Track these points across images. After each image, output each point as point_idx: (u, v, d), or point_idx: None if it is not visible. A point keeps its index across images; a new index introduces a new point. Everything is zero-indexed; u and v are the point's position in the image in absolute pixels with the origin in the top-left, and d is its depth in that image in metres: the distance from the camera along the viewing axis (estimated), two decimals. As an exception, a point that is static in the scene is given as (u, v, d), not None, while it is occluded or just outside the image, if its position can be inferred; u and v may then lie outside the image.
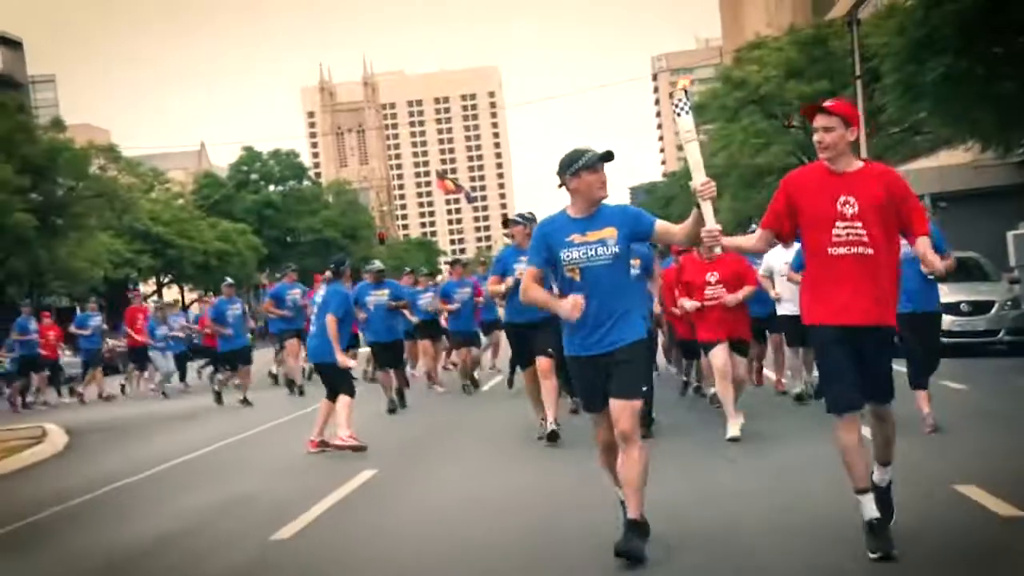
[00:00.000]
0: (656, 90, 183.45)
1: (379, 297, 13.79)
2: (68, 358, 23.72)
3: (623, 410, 5.28)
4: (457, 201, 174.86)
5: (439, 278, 20.92)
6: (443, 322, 16.62)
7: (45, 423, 14.87)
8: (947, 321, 15.74)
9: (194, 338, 20.32)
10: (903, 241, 7.64)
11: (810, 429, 8.76)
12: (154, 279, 55.58)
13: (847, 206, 5.06)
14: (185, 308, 48.37)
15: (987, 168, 25.27)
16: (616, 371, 5.32)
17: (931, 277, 8.24)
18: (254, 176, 72.72)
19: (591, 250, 5.30)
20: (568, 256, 5.33)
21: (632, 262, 6.26)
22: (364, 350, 16.05)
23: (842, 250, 5.06)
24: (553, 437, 9.23)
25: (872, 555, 4.94)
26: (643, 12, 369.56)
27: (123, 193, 44.34)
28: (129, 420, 15.74)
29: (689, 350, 11.94)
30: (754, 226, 11.96)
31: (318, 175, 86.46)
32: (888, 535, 5.03)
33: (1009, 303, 15.90)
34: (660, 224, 5.49)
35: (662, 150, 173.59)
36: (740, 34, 79.98)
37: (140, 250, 48.20)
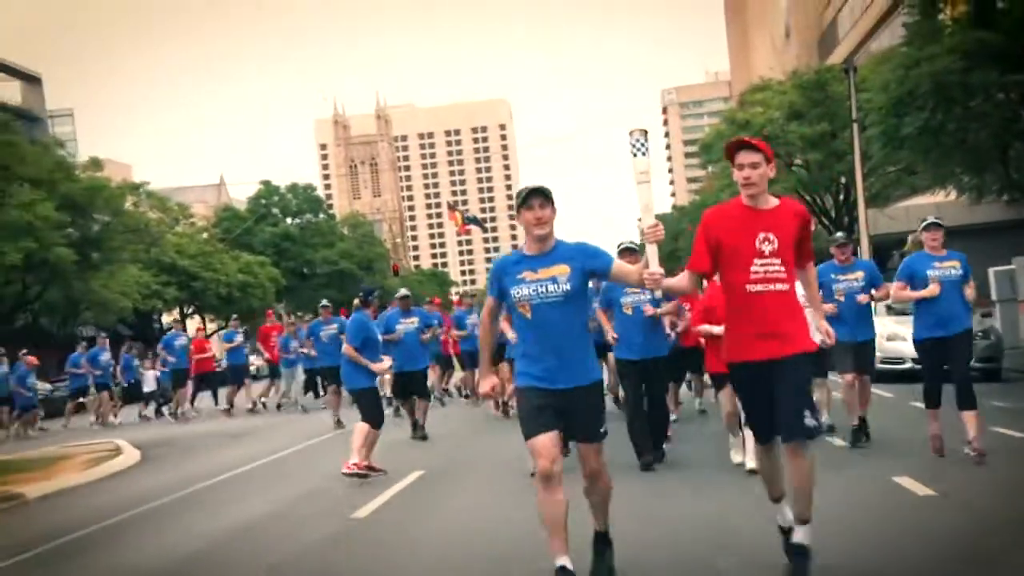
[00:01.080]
0: (666, 123, 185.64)
1: (408, 325, 13.70)
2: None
3: (589, 451, 5.45)
4: (468, 232, 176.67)
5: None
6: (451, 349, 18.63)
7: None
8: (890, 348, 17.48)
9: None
10: (943, 267, 8.81)
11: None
12: (177, 310, 57.33)
13: (766, 243, 5.17)
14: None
15: (984, 204, 26.56)
16: (580, 418, 5.39)
17: (968, 302, 8.87)
18: (274, 210, 74.75)
19: (542, 287, 5.32)
20: (518, 293, 5.37)
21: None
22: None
23: (759, 287, 5.17)
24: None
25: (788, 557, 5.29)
26: (653, 46, 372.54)
27: (153, 228, 46.33)
28: (227, 430, 17.88)
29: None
30: None
31: (330, 207, 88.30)
32: (805, 564, 5.19)
33: (980, 333, 17.43)
34: (617, 265, 5.56)
35: (671, 182, 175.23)
36: (748, 69, 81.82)
37: (167, 282, 49.91)
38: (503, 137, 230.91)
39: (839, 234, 10.90)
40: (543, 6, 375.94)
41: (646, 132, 5.26)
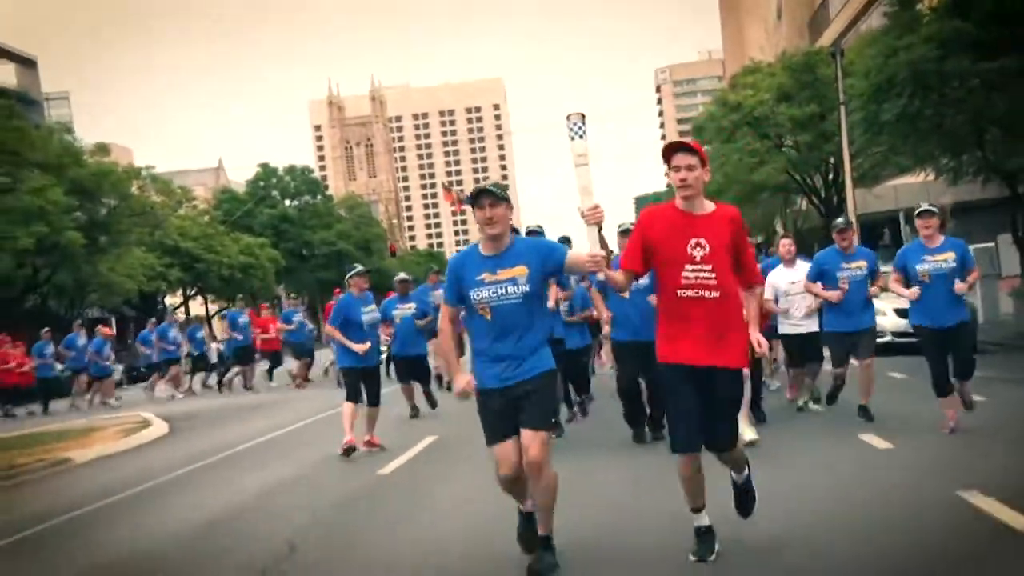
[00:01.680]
0: (660, 101, 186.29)
1: (404, 311, 13.83)
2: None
3: (533, 439, 5.27)
4: (463, 212, 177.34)
5: None
6: None
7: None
8: (900, 324, 18.51)
9: None
10: (934, 259, 8.60)
11: (811, 435, 9.58)
12: (181, 291, 58.31)
13: (698, 248, 5.12)
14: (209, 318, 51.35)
15: (973, 182, 27.37)
16: (526, 402, 5.32)
17: (960, 295, 8.70)
18: (273, 192, 75.67)
19: (501, 289, 5.28)
20: (478, 295, 5.31)
21: None
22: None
23: (690, 292, 5.14)
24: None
25: (692, 558, 5.37)
26: (647, 24, 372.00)
27: (156, 211, 47.27)
28: (249, 403, 19.18)
29: None
30: (750, 239, 13.76)
31: (326, 188, 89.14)
32: (711, 543, 5.41)
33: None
34: (570, 255, 5.43)
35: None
36: (742, 47, 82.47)
37: (170, 264, 50.87)
38: (497, 117, 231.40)
39: (840, 219, 10.67)
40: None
41: (583, 116, 5.24)
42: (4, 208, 33.08)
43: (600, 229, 5.10)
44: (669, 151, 5.22)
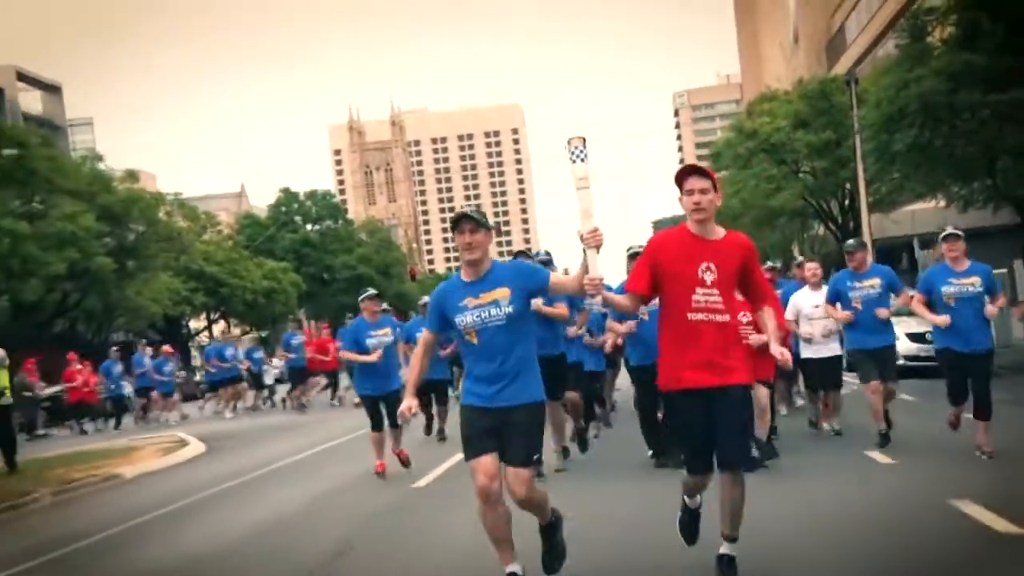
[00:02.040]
0: (678, 126, 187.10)
1: None
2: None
3: (517, 478, 5.35)
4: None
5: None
6: None
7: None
8: (914, 348, 18.98)
9: None
10: (960, 283, 8.64)
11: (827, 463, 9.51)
12: (204, 315, 59.16)
13: (708, 272, 5.20)
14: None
15: (983, 209, 27.61)
16: (512, 437, 5.35)
17: (988, 320, 8.74)
18: (295, 217, 76.52)
19: (484, 312, 5.36)
20: (463, 321, 5.40)
21: None
22: None
23: (700, 316, 5.19)
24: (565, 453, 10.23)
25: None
26: (665, 49, 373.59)
27: (183, 236, 48.20)
28: (283, 424, 19.81)
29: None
30: (769, 263, 13.96)
31: (346, 212, 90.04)
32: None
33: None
34: (554, 277, 5.55)
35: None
36: (759, 71, 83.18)
37: (195, 288, 51.73)
38: (516, 142, 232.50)
39: (850, 241, 10.60)
40: (553, 11, 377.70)
41: (584, 140, 5.27)
42: (37, 234, 33.96)
43: (597, 252, 5.10)
44: (682, 175, 5.30)
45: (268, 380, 26.82)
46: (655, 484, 8.70)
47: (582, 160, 5.24)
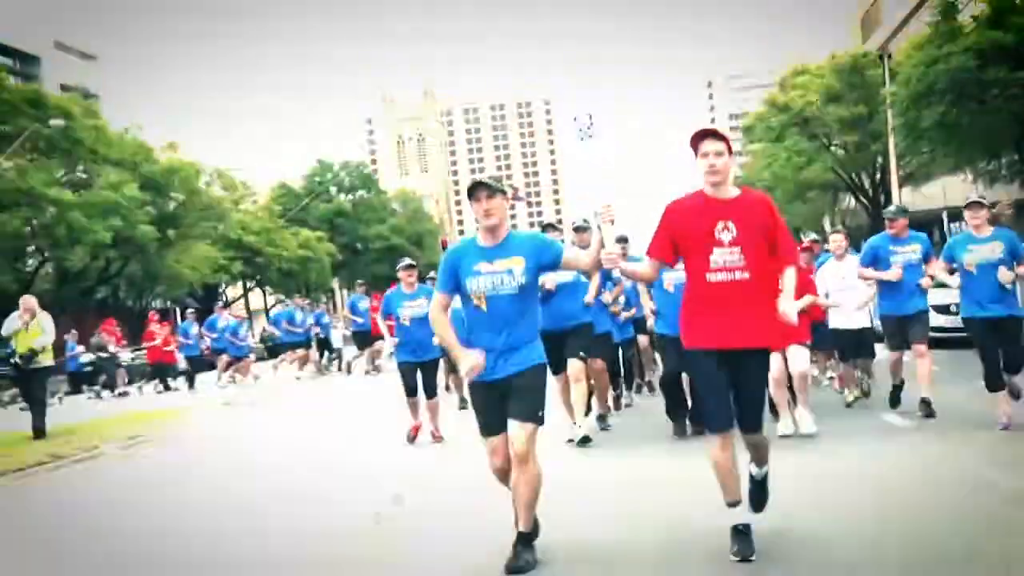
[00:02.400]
0: (711, 96, 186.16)
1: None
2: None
3: (519, 431, 5.30)
4: (513, 207, 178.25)
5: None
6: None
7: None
8: (937, 320, 19.29)
9: None
10: (986, 249, 8.49)
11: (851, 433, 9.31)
12: (240, 284, 60.14)
13: (725, 231, 5.15)
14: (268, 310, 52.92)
15: (1010, 183, 27.70)
16: (515, 395, 5.36)
17: (1008, 286, 8.51)
18: (331, 188, 77.22)
19: (497, 279, 5.34)
20: (475, 285, 5.38)
21: None
22: None
23: (720, 276, 5.15)
24: (584, 441, 9.46)
25: (733, 558, 5.16)
26: (703, 20, 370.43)
27: (221, 206, 49.09)
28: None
29: None
30: (802, 236, 14.25)
31: (377, 182, 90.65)
32: (750, 541, 5.22)
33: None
34: (568, 252, 5.52)
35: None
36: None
37: (233, 257, 52.63)
38: (547, 112, 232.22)
39: (891, 207, 10.49)
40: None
41: (591, 115, 5.25)
42: (83, 203, 34.88)
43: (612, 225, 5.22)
44: (697, 139, 5.24)
45: (336, 344, 27.36)
46: (677, 456, 8.63)
47: (591, 137, 5.31)
